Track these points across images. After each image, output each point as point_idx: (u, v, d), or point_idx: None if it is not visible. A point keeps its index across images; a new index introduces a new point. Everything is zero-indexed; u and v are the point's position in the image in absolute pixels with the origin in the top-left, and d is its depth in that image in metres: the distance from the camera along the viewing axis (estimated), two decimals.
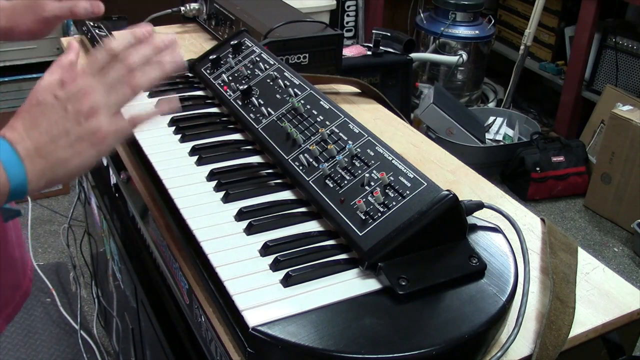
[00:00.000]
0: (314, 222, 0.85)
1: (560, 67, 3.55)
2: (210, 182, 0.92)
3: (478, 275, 0.77)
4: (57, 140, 0.69)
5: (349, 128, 0.92)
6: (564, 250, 0.91)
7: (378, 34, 2.20)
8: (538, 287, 0.86)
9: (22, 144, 0.67)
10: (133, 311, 1.30)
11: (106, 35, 1.51)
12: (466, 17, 3.49)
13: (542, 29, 3.60)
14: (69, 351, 2.04)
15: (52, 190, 2.78)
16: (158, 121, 1.08)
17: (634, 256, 2.70)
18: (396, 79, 2.22)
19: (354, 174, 0.84)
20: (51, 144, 0.68)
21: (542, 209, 3.00)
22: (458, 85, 3.56)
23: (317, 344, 0.66)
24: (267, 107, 1.03)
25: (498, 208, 0.91)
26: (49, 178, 0.69)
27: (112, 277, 1.54)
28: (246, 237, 0.81)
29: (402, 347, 0.66)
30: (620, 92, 3.09)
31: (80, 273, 2.13)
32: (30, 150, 0.68)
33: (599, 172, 2.91)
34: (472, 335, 0.69)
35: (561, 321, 0.78)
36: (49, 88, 0.70)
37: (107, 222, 1.40)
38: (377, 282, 0.75)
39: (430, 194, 0.77)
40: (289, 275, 0.73)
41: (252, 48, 1.17)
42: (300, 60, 1.41)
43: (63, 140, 0.69)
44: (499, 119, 3.37)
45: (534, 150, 3.01)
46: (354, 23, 3.86)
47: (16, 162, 0.67)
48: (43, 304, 2.23)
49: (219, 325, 0.77)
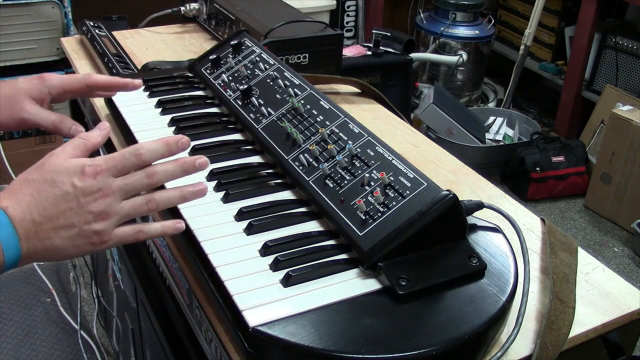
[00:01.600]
0: (314, 222, 0.85)
1: (560, 67, 3.55)
2: (210, 182, 0.92)
3: (478, 275, 0.77)
4: (60, 230, 0.67)
5: (349, 128, 0.92)
6: (564, 250, 0.91)
7: (378, 34, 2.20)
8: (538, 287, 0.86)
9: (23, 224, 0.66)
10: (133, 311, 1.30)
11: (106, 35, 1.51)
12: (466, 17, 3.49)
13: (542, 29, 3.60)
14: (69, 351, 2.04)
15: None
16: (158, 121, 1.09)
17: (634, 256, 2.70)
18: (396, 79, 2.22)
19: (354, 174, 0.84)
20: (52, 231, 0.67)
21: (542, 209, 3.00)
22: (458, 85, 3.56)
23: (317, 344, 0.66)
24: (267, 107, 1.03)
25: (498, 208, 0.91)
26: (39, 259, 0.69)
27: (112, 277, 1.54)
28: (246, 237, 0.81)
29: (402, 347, 0.66)
30: (620, 92, 3.09)
31: (80, 273, 2.13)
32: (30, 232, 0.66)
33: (599, 172, 2.91)
34: (472, 335, 0.69)
35: (561, 321, 0.78)
36: (68, 172, 0.68)
37: None
38: (377, 282, 0.75)
39: (430, 194, 0.77)
40: (289, 275, 0.73)
41: (252, 48, 1.17)
42: (300, 60, 1.41)
43: (65, 232, 0.68)
44: (499, 119, 3.37)
45: (534, 150, 3.01)
46: (354, 23, 3.86)
47: (14, 243, 0.65)
48: (43, 304, 2.23)
49: (219, 325, 0.77)
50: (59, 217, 0.67)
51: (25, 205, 0.67)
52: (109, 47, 1.43)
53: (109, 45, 1.44)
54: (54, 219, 0.67)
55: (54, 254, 0.69)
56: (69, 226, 0.68)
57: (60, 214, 0.67)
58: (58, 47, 2.70)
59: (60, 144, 2.69)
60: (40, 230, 0.67)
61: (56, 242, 0.68)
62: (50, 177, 0.68)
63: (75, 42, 1.60)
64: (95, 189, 0.68)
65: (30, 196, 0.67)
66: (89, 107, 1.50)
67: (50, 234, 0.67)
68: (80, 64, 1.48)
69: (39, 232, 0.67)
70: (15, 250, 0.66)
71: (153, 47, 1.60)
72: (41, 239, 0.67)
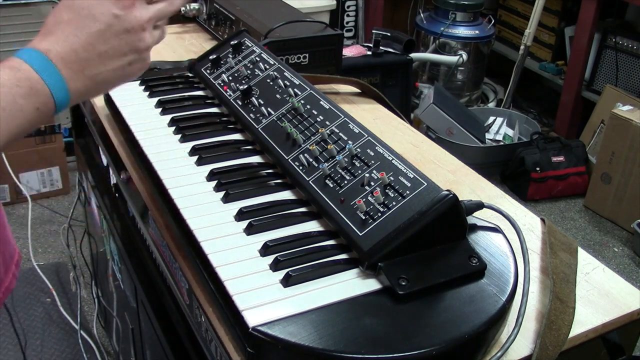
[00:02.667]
0: (314, 222, 0.85)
1: (560, 67, 3.55)
2: (210, 182, 0.92)
3: (478, 275, 0.77)
4: (109, 62, 0.67)
5: (349, 128, 0.92)
6: (564, 250, 0.91)
7: (378, 34, 2.20)
8: (538, 287, 0.86)
9: (70, 66, 0.64)
10: (133, 311, 1.30)
11: None
12: (466, 17, 3.49)
13: (542, 29, 3.60)
14: (69, 351, 2.04)
15: (52, 190, 2.79)
16: (158, 121, 1.09)
17: (634, 256, 2.70)
18: (396, 79, 2.22)
19: (354, 174, 0.84)
20: (102, 65, 0.66)
21: (542, 209, 3.00)
22: (458, 85, 3.56)
23: (317, 344, 0.66)
24: (267, 107, 1.03)
25: (498, 208, 0.91)
26: (90, 95, 0.69)
27: (112, 277, 1.54)
28: (246, 237, 0.81)
29: (402, 347, 0.66)
30: (620, 92, 3.09)
31: (80, 273, 2.13)
32: (79, 72, 0.65)
33: (599, 172, 2.91)
34: (472, 335, 0.69)
35: (561, 321, 0.78)
36: (105, 4, 0.66)
37: (107, 222, 1.40)
38: (377, 282, 0.75)
39: (430, 194, 0.77)
40: (289, 275, 0.73)
41: (252, 48, 1.17)
42: (300, 60, 1.41)
43: (115, 62, 0.67)
44: (499, 119, 3.37)
45: (534, 150, 3.01)
46: (354, 23, 3.86)
47: (63, 86, 0.64)
48: (43, 304, 2.23)
49: (219, 325, 0.77)
50: (108, 50, 0.67)
51: (69, 46, 0.65)
52: None
53: None
54: (102, 53, 0.66)
55: (104, 87, 0.69)
56: (120, 55, 0.68)
57: (108, 47, 0.67)
58: None
59: (61, 144, 2.70)
60: (89, 66, 0.66)
61: (106, 76, 0.67)
62: (89, 12, 0.66)
63: None
64: (137, 14, 0.68)
65: (74, 36, 0.66)
66: (89, 107, 1.50)
67: (100, 68, 0.67)
68: None
69: (87, 69, 0.66)
70: (64, 94, 0.65)
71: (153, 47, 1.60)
72: (91, 76, 0.66)
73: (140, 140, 1.03)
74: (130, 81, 0.77)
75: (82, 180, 1.69)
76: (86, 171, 1.59)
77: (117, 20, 0.67)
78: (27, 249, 2.28)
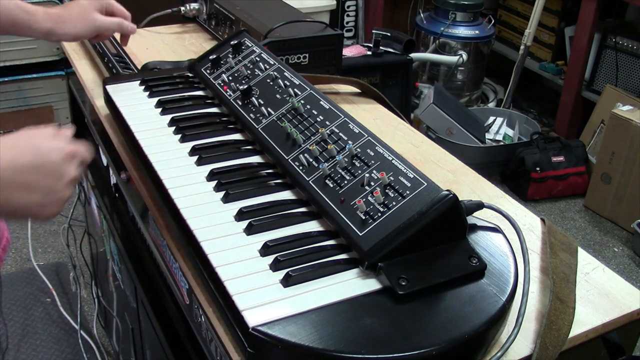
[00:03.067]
0: (314, 222, 0.85)
1: (560, 67, 3.55)
2: (210, 182, 0.92)
3: (478, 275, 0.77)
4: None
5: (349, 128, 0.92)
6: (564, 250, 0.91)
7: (378, 34, 2.21)
8: (538, 287, 0.86)
9: None
10: (133, 311, 1.30)
11: None
12: (466, 17, 3.49)
13: (542, 29, 3.60)
14: (69, 351, 2.04)
15: None
16: (158, 121, 1.09)
17: (634, 256, 2.70)
18: (396, 79, 2.22)
19: (354, 174, 0.84)
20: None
21: (542, 209, 3.00)
22: (458, 85, 3.56)
23: (317, 344, 0.66)
24: (267, 107, 1.03)
25: (498, 208, 0.91)
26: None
27: (112, 277, 1.54)
28: (246, 237, 0.81)
29: (402, 347, 0.66)
30: (620, 92, 3.09)
31: (80, 273, 2.13)
32: None
33: (599, 172, 2.91)
34: (472, 335, 0.69)
35: (561, 321, 0.78)
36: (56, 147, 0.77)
37: (107, 222, 1.40)
38: (377, 282, 0.75)
39: (430, 194, 0.77)
40: (289, 275, 0.73)
41: (252, 48, 1.17)
42: (300, 60, 1.41)
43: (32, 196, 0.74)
44: (499, 119, 3.37)
45: (534, 150, 3.01)
46: (354, 23, 3.86)
47: None
48: (43, 304, 2.23)
49: (219, 325, 0.77)
50: (32, 183, 0.74)
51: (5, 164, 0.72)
52: (109, 47, 1.43)
53: (109, 45, 1.44)
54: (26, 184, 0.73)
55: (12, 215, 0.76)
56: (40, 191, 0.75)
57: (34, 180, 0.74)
58: (58, 47, 2.70)
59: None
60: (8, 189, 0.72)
61: (20, 204, 0.73)
62: (35, 145, 0.77)
63: (75, 42, 1.60)
64: (72, 168, 0.79)
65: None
66: (89, 107, 1.50)
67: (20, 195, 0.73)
68: (80, 63, 1.48)
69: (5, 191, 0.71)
70: None
71: (153, 47, 1.60)
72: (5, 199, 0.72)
73: (140, 140, 1.03)
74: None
75: (82, 180, 1.69)
76: (86, 171, 1.59)
77: (55, 163, 0.76)
78: (27, 249, 2.28)
